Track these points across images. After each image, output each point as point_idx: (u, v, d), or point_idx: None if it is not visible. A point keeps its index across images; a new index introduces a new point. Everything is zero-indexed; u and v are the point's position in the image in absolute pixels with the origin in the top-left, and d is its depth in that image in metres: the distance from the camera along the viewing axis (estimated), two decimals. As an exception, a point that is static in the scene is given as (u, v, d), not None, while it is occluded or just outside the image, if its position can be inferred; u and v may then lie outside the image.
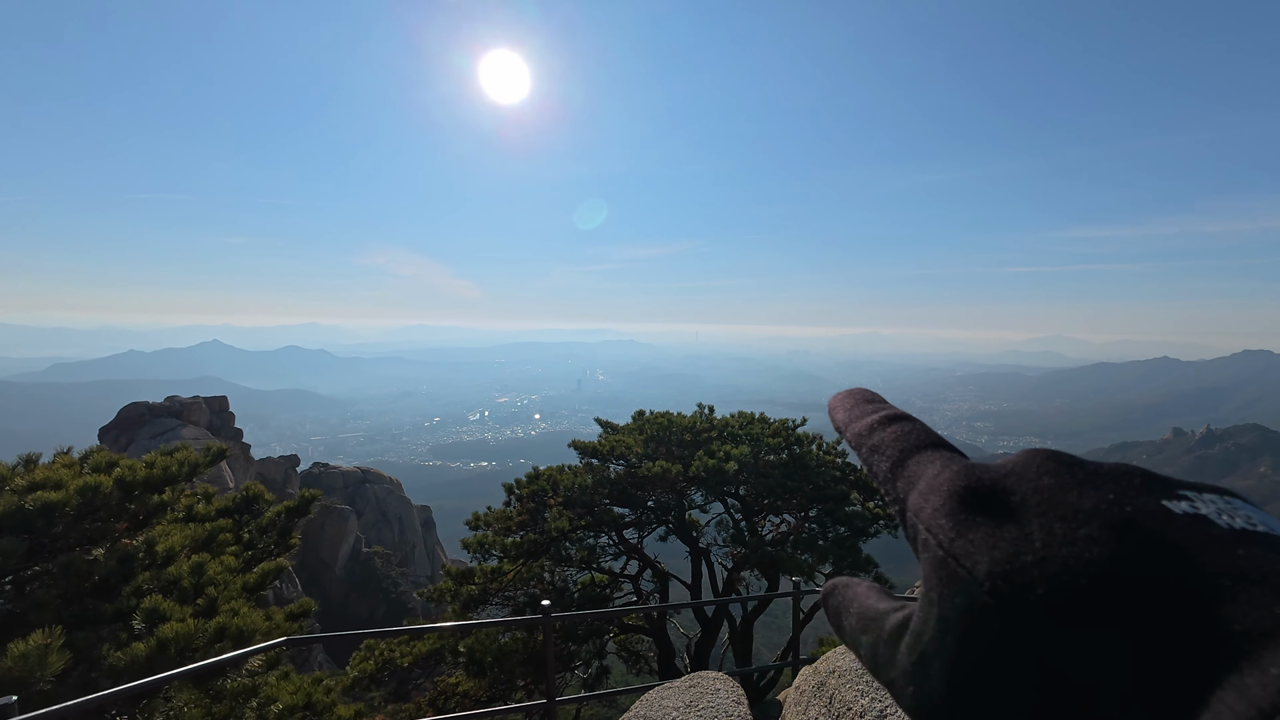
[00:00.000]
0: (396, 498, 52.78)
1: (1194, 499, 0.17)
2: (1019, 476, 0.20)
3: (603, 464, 11.37)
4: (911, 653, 0.20)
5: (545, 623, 4.39)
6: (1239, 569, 0.16)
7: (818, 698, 2.22)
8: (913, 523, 0.21)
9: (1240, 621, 0.15)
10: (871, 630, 0.21)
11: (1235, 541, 0.16)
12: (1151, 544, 0.17)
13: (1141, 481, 0.18)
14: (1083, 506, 0.18)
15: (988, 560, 0.19)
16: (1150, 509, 0.17)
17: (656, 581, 11.65)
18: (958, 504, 0.20)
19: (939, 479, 0.21)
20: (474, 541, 10.27)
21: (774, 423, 12.55)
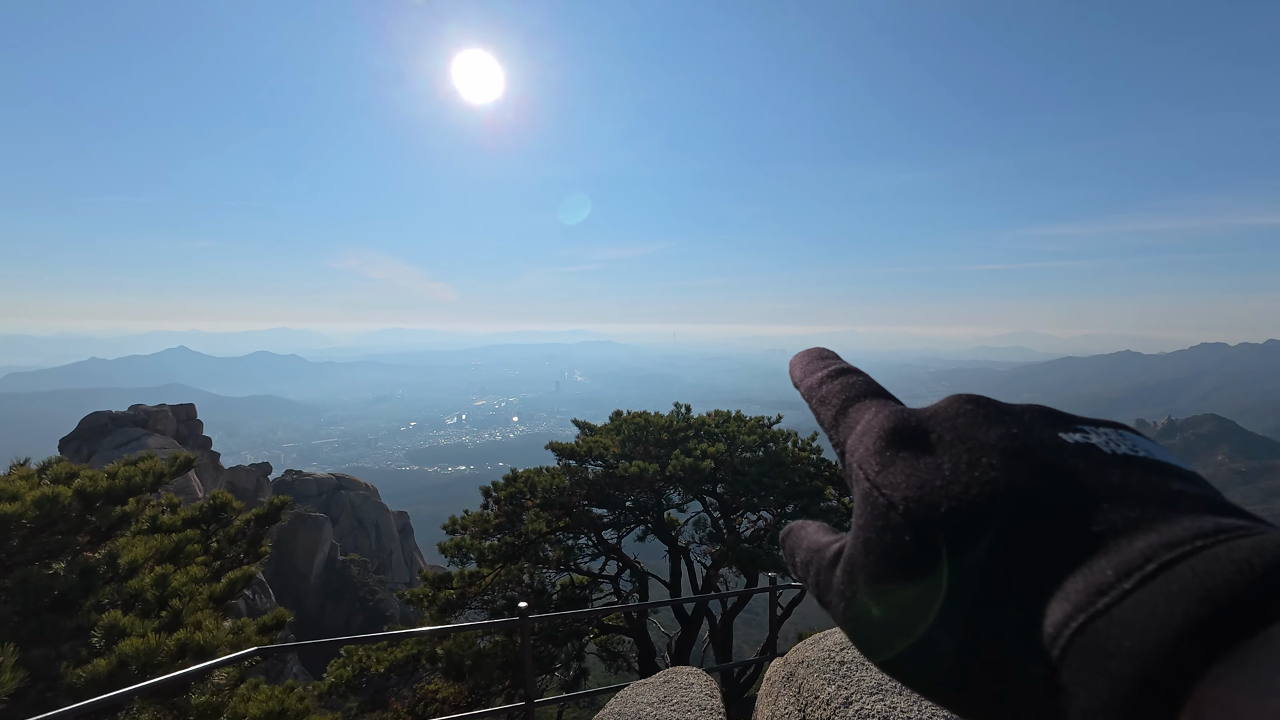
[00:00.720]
0: (372, 504, 51.95)
1: (1088, 431, 0.20)
2: (940, 417, 0.22)
3: (580, 465, 11.35)
4: (843, 573, 0.23)
5: (523, 624, 4.38)
6: (1112, 484, 0.18)
7: (787, 688, 2.26)
8: (849, 462, 0.24)
9: (1103, 524, 0.18)
10: (815, 560, 0.24)
11: (1115, 463, 0.19)
12: (1041, 467, 0.20)
13: (1043, 417, 0.21)
14: (988, 440, 0.21)
15: (904, 487, 0.22)
16: (1045, 439, 0.20)
17: (635, 581, 11.67)
18: (886, 443, 0.23)
19: (873, 422, 0.23)
20: (451, 546, 10.17)
21: (750, 420, 12.66)
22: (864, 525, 0.23)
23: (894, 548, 0.22)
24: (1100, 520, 0.18)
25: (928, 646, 0.20)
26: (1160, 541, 0.17)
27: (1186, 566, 0.16)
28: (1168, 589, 0.16)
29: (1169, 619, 0.15)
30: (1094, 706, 0.16)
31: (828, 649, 2.30)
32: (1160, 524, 0.17)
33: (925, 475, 0.22)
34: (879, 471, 0.23)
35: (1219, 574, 0.15)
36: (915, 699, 1.96)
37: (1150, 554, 0.16)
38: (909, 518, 0.22)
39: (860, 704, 1.99)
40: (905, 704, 1.93)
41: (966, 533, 0.20)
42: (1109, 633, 0.16)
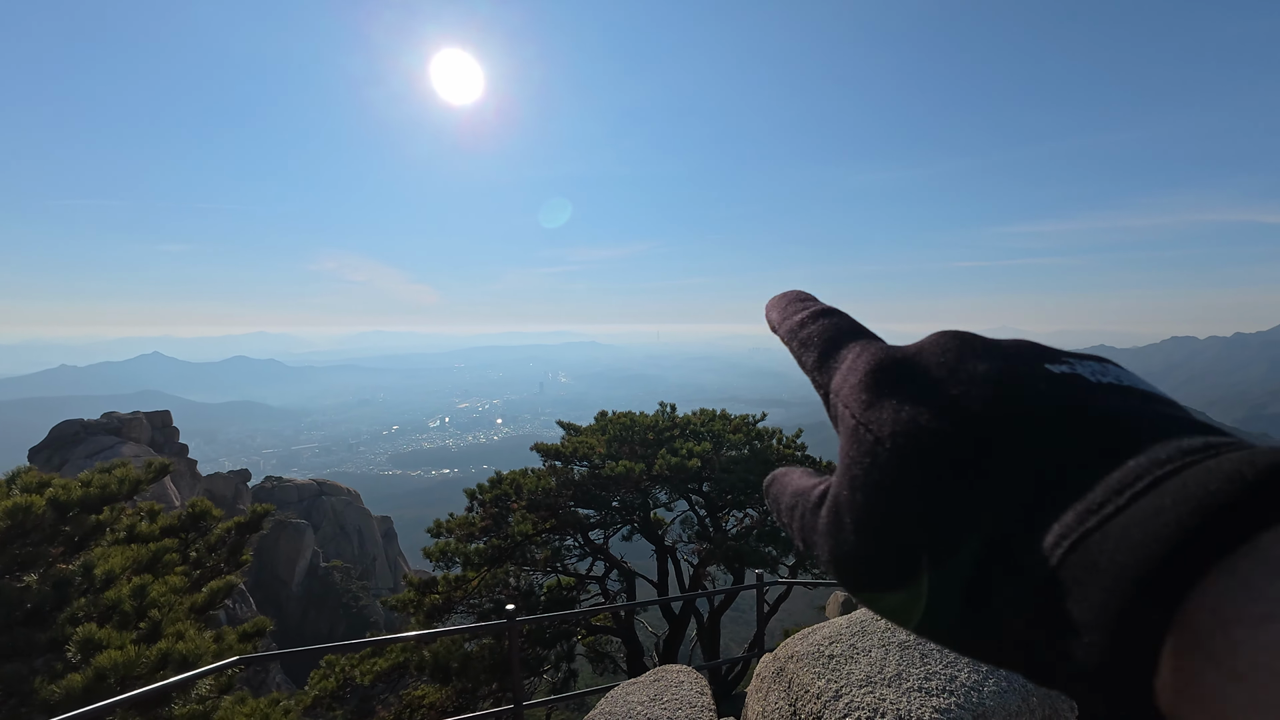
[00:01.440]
0: (355, 509, 51.31)
1: (1073, 363, 0.20)
2: (926, 353, 0.22)
3: (566, 466, 11.31)
4: (829, 513, 0.22)
5: (510, 627, 4.35)
6: (1099, 410, 0.19)
7: (777, 683, 2.27)
8: (834, 403, 0.23)
9: (1093, 447, 0.18)
10: (800, 504, 0.23)
11: (1101, 391, 0.19)
12: (1030, 395, 0.20)
13: (1029, 351, 0.20)
14: (976, 372, 0.21)
15: (892, 423, 0.21)
16: (1033, 370, 0.20)
17: (623, 581, 11.66)
18: (872, 380, 0.22)
19: (858, 360, 0.23)
20: (436, 550, 10.08)
21: (735, 419, 12.72)
22: (851, 463, 0.22)
23: (882, 483, 0.21)
24: (1090, 444, 0.18)
25: (918, 580, 0.20)
26: (1150, 460, 0.17)
27: (1178, 480, 0.16)
28: (1159, 502, 0.16)
29: (1161, 529, 0.16)
30: (1086, 619, 0.16)
31: (817, 643, 2.32)
32: (1149, 444, 0.17)
33: (914, 409, 0.21)
34: (865, 409, 0.22)
35: (1209, 484, 0.16)
36: (905, 690, 1.98)
37: (1141, 471, 0.17)
38: (898, 452, 0.21)
39: (850, 696, 2.01)
40: (894, 695, 1.95)
41: (958, 465, 0.20)
42: (1101, 547, 0.16)
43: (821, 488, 0.23)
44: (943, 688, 1.95)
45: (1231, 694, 0.15)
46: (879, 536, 0.21)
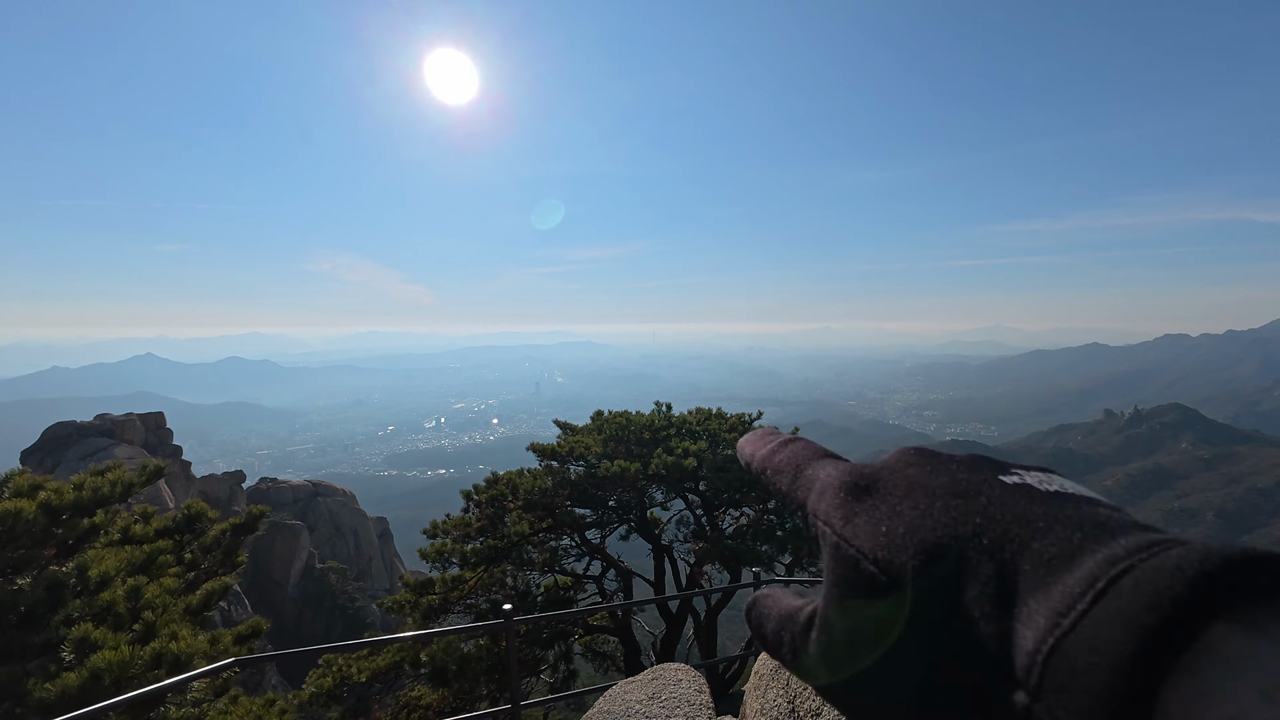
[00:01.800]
0: (351, 510, 51.14)
1: (1022, 474, 0.23)
2: (890, 470, 0.24)
3: (562, 465, 11.31)
4: (820, 633, 0.24)
5: (507, 627, 4.35)
6: (1050, 515, 0.21)
7: (775, 680, 2.28)
8: (813, 521, 0.26)
9: (1051, 550, 0.20)
10: (788, 626, 0.25)
11: (1050, 499, 0.22)
12: (988, 506, 0.22)
13: (982, 463, 0.23)
14: (937, 486, 0.23)
15: (869, 537, 0.24)
16: (987, 481, 0.23)
17: (620, 580, 11.66)
18: (845, 497, 0.25)
19: (830, 479, 0.25)
20: (432, 551, 10.06)
21: (731, 418, 12.73)
22: (837, 581, 0.24)
23: (869, 599, 0.23)
24: (1048, 548, 0.20)
25: (914, 694, 0.21)
26: (1105, 559, 0.19)
27: (1130, 580, 0.18)
28: (1118, 603, 0.17)
29: (1125, 630, 0.17)
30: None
31: (814, 640, 2.32)
32: (1100, 545, 0.20)
33: (887, 525, 0.23)
34: (844, 525, 0.24)
35: (1157, 584, 0.17)
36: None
37: (1099, 573, 0.18)
38: (879, 565, 0.23)
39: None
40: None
41: (933, 573, 0.22)
42: (1077, 651, 0.17)
43: (809, 609, 0.24)
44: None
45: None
46: (870, 649, 0.22)
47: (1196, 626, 0.17)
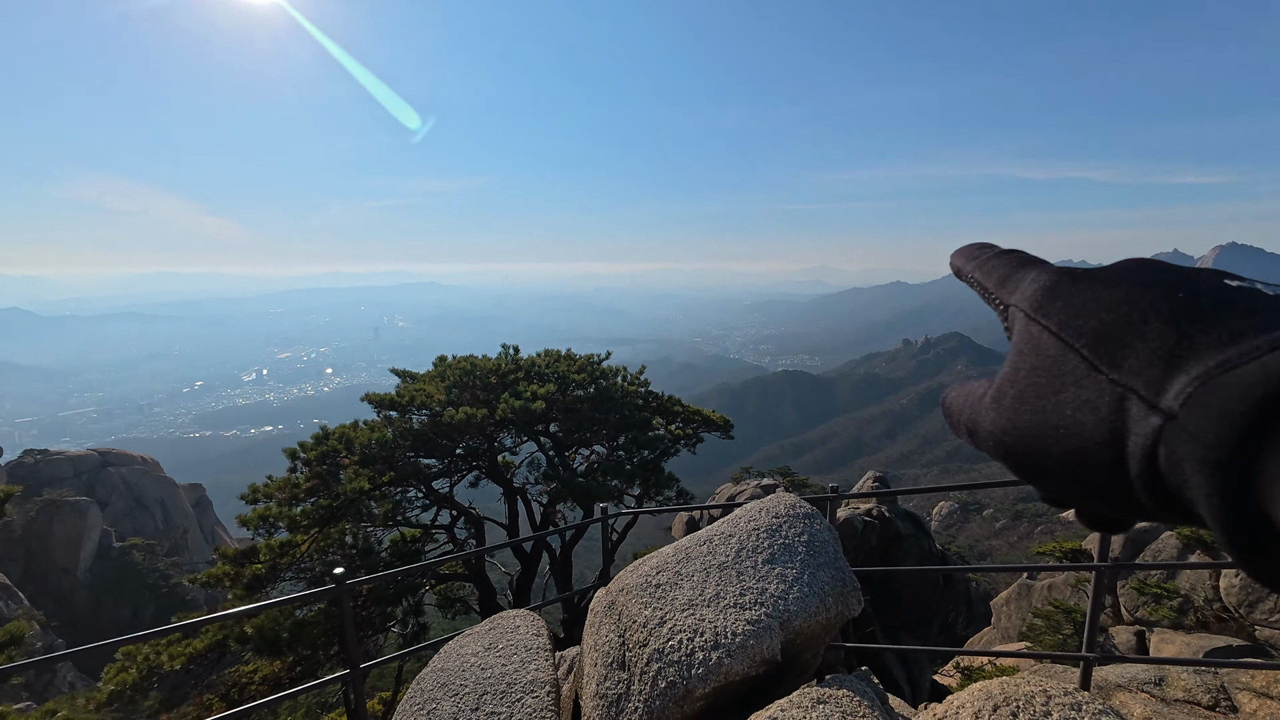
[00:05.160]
0: (154, 479, 44.69)
1: (1252, 281, 0.23)
2: (1108, 269, 0.25)
3: (403, 416, 10.68)
4: (995, 392, 0.26)
5: (340, 591, 4.07)
6: (1259, 304, 0.20)
7: (608, 616, 2.35)
8: (1012, 313, 0.28)
9: (1245, 326, 0.20)
10: (969, 396, 0.29)
11: (1274, 296, 0.21)
12: (1198, 294, 0.22)
13: (1211, 271, 0.23)
14: (1152, 278, 0.23)
15: (1060, 314, 0.24)
16: (1210, 280, 0.23)
17: (471, 527, 11.51)
18: (1052, 284, 0.26)
19: (1040, 275, 0.27)
20: (255, 516, 9.10)
21: (580, 359, 12.78)
22: (1018, 349, 0.26)
23: (1046, 360, 0.24)
24: (1245, 324, 0.20)
25: (1065, 434, 0.23)
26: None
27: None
28: (1274, 358, 0.18)
29: (1267, 373, 0.17)
30: (1207, 430, 0.17)
31: (645, 574, 2.43)
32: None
33: (1084, 304, 0.24)
34: (1038, 307, 0.26)
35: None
36: (722, 608, 2.16)
37: (1273, 343, 0.18)
38: (1063, 333, 0.24)
39: (674, 621, 2.14)
40: (713, 614, 2.12)
41: (1113, 341, 0.23)
42: (1219, 386, 0.18)
43: (987, 386, 0.28)
44: (755, 601, 2.15)
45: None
46: (1039, 398, 0.24)
47: None
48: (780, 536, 2.49)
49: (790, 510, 2.65)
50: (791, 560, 2.38)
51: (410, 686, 2.81)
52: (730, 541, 2.49)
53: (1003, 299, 0.30)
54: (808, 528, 2.55)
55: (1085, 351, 0.23)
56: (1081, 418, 0.23)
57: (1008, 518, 62.75)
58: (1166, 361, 0.21)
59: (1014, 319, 0.28)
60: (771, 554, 2.40)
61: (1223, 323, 0.21)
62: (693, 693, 1.99)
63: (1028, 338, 0.26)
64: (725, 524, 2.65)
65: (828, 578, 2.35)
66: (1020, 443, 0.24)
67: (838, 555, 2.48)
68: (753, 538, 2.48)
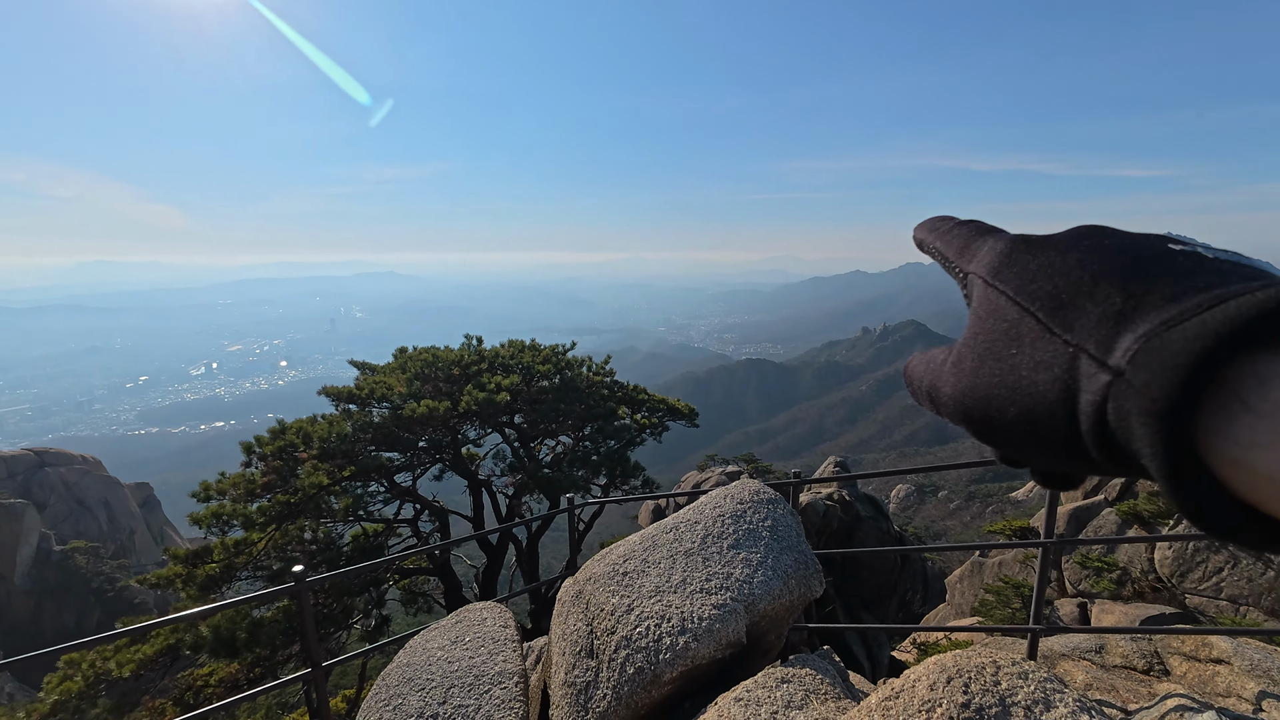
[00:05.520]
0: (96, 479, 42.63)
1: (1194, 243, 0.24)
2: (1062, 234, 0.28)
3: (363, 409, 10.43)
4: (955, 356, 0.29)
5: (300, 589, 3.97)
6: (1204, 267, 0.22)
7: (576, 605, 2.36)
8: (971, 280, 0.31)
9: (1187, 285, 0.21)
10: (930, 362, 0.32)
11: (1214, 258, 0.23)
12: (1143, 256, 0.24)
13: (1155, 236, 0.26)
14: (1102, 242, 0.26)
15: (1017, 279, 0.27)
16: (1151, 242, 0.25)
17: (435, 521, 11.36)
18: (1008, 250, 0.29)
19: (997, 243, 0.30)
20: (207, 515, 8.79)
21: (545, 349, 12.69)
22: (976, 315, 0.28)
23: (999, 324, 0.26)
24: (1186, 284, 0.21)
25: (1024, 387, 0.24)
26: (1230, 289, 0.19)
27: (1241, 300, 0.18)
28: (1228, 309, 0.18)
29: (1222, 319, 0.18)
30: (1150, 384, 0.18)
31: (613, 562, 2.45)
32: (1235, 283, 0.20)
33: (1038, 269, 0.26)
34: (995, 273, 0.28)
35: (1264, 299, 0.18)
36: (689, 593, 2.19)
37: (1221, 295, 0.19)
38: (1019, 297, 0.26)
39: (641, 608, 2.16)
40: (680, 600, 2.15)
41: (1065, 304, 0.24)
42: (1172, 338, 0.19)
43: (947, 351, 0.30)
44: (720, 586, 2.19)
45: (1253, 426, 0.18)
46: (996, 361, 0.25)
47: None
48: (745, 522, 2.53)
49: (754, 496, 2.70)
50: (756, 545, 2.43)
51: (375, 683, 2.78)
52: (696, 528, 2.53)
53: (962, 267, 0.32)
54: (771, 513, 2.60)
55: (1040, 315, 0.25)
56: (1037, 378, 0.24)
57: (961, 499, 65.14)
58: (1115, 321, 0.22)
59: (973, 285, 0.30)
60: (736, 539, 2.45)
61: (1166, 283, 0.22)
62: (660, 677, 2.02)
63: (986, 303, 0.28)
64: (691, 511, 2.69)
65: (791, 561, 2.41)
66: (979, 404, 0.26)
67: (800, 539, 2.54)
68: (718, 524, 2.52)
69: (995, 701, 1.18)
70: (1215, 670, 3.78)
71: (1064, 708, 1.18)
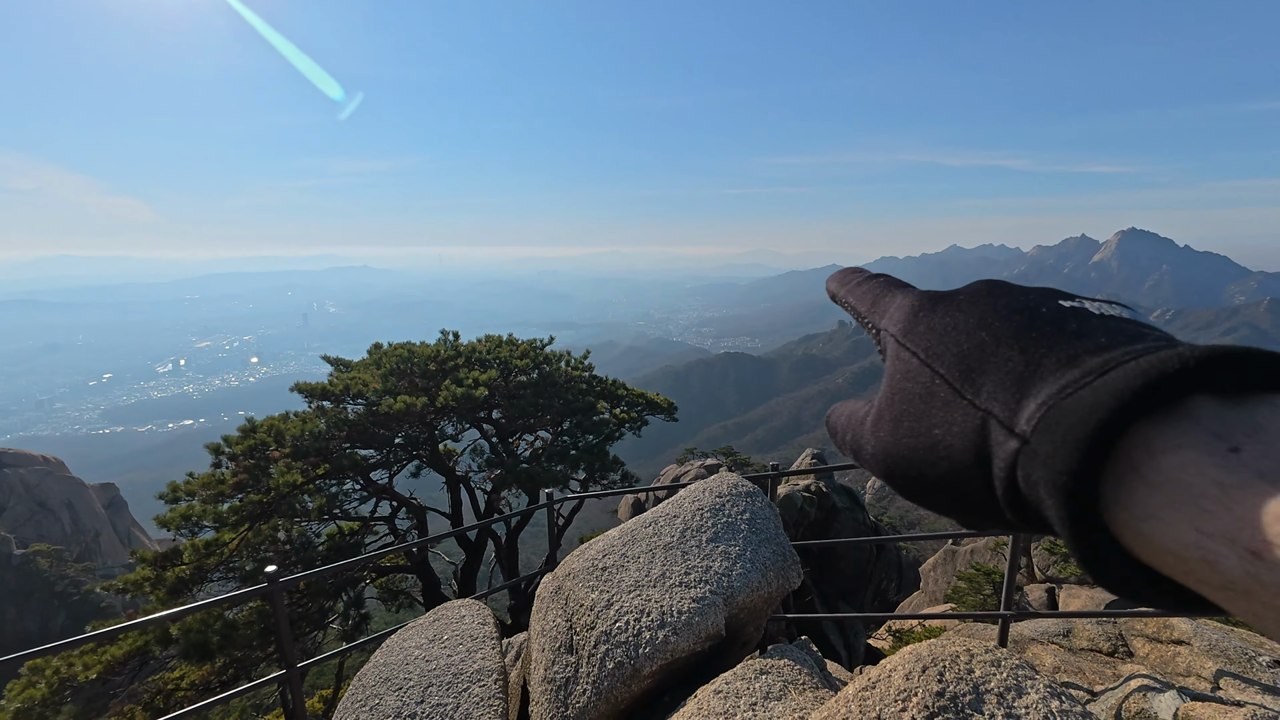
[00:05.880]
0: (58, 480, 41.38)
1: (1083, 301, 0.26)
2: (962, 292, 0.30)
3: (337, 405, 10.25)
4: (874, 414, 0.30)
5: (273, 589, 3.90)
6: (1093, 326, 0.23)
7: (555, 601, 2.35)
8: (883, 336, 0.32)
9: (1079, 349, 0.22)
10: (852, 424, 0.32)
11: (1101, 317, 0.24)
12: (1039, 316, 0.25)
13: (1048, 291, 0.28)
14: (999, 303, 0.27)
15: (926, 338, 0.28)
16: (1047, 302, 0.27)
17: (413, 518, 11.23)
18: (914, 311, 0.30)
19: (905, 300, 0.32)
20: (176, 516, 8.58)
21: (522, 344, 12.60)
22: (891, 374, 0.29)
23: (914, 386, 0.27)
24: (1078, 347, 0.22)
25: (938, 455, 0.25)
26: (1123, 352, 0.21)
27: (1136, 363, 0.19)
28: (1118, 375, 0.19)
29: (1114, 389, 0.19)
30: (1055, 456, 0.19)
31: (592, 558, 2.44)
32: (1124, 346, 0.21)
33: (944, 329, 0.28)
34: (907, 333, 0.30)
35: (1161, 362, 0.19)
36: (668, 587, 2.19)
37: (1112, 360, 0.20)
38: (929, 360, 0.27)
39: (620, 602, 2.16)
40: (659, 594, 2.15)
41: (973, 367, 0.25)
42: (1070, 407, 0.20)
43: (868, 407, 0.31)
44: (699, 579, 2.20)
45: (1146, 498, 0.19)
46: (913, 422, 0.27)
47: (1176, 394, 0.19)
48: (723, 515, 2.54)
49: (733, 489, 2.71)
50: (734, 538, 2.44)
51: (351, 683, 2.74)
52: (675, 522, 2.53)
53: (874, 323, 0.33)
54: (749, 505, 2.62)
55: (949, 378, 0.26)
56: (951, 441, 0.25)
57: (935, 488, 66.50)
58: (1016, 386, 0.23)
59: (886, 343, 0.31)
60: (715, 532, 2.46)
61: (1060, 346, 0.23)
62: (640, 671, 2.03)
63: (900, 363, 0.29)
64: (670, 505, 2.69)
65: (769, 553, 2.43)
66: (900, 464, 0.27)
67: (778, 531, 2.56)
68: (697, 517, 2.53)
69: (969, 689, 1.20)
70: (1176, 651, 3.91)
71: (1035, 694, 1.20)
